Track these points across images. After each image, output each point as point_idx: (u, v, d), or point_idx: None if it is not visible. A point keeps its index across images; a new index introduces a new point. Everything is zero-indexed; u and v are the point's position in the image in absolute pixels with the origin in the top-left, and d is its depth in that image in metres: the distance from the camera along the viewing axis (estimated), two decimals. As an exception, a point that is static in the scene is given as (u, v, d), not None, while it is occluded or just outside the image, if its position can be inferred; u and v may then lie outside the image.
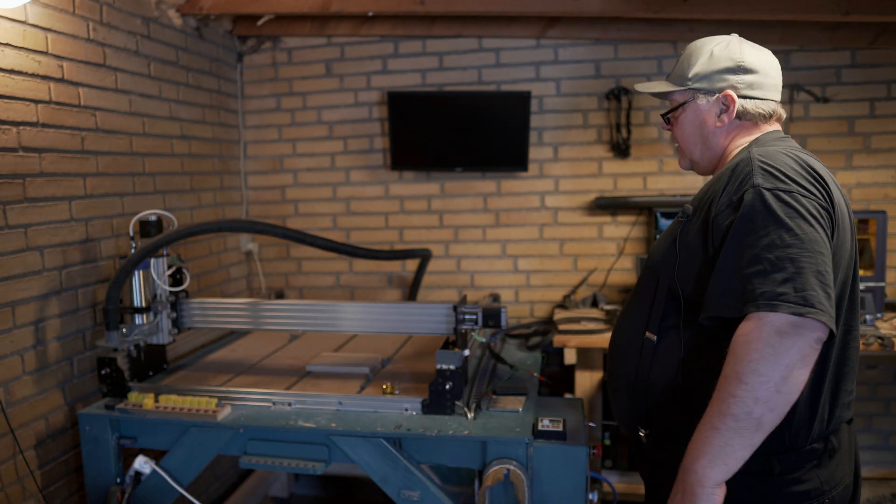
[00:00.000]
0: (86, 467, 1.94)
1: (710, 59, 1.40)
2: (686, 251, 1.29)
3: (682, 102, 1.45)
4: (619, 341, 1.47)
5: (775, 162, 1.22)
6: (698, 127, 1.44)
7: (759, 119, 1.41)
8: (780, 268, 1.12)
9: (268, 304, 2.15)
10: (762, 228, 1.16)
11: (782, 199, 1.17)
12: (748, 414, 1.10)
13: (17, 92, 1.96)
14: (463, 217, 3.32)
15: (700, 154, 1.46)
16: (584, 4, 2.69)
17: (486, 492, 1.63)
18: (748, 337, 1.11)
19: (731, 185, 1.24)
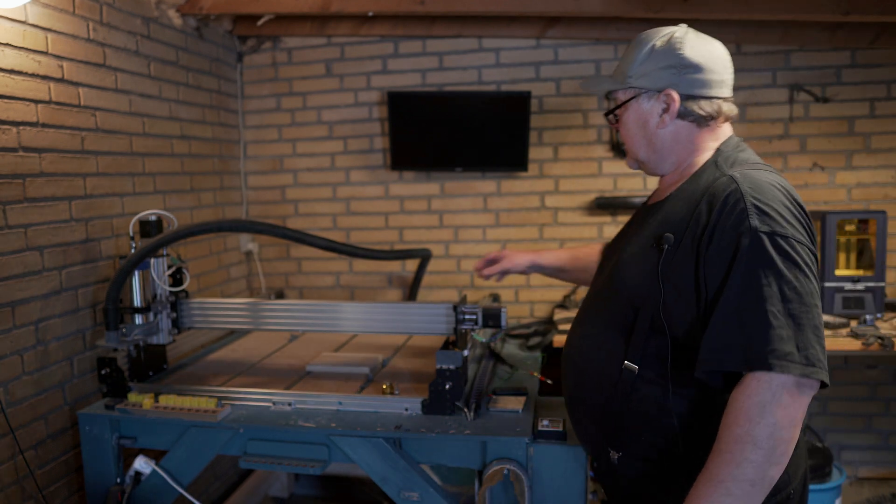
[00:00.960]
0: (86, 467, 1.94)
1: (652, 54, 1.32)
2: (673, 287, 1.23)
3: (624, 101, 1.39)
4: (586, 367, 1.40)
5: (767, 199, 1.18)
6: (641, 127, 1.37)
7: (704, 120, 1.33)
8: (783, 324, 1.11)
9: (268, 304, 2.15)
10: (763, 279, 1.13)
11: (781, 248, 1.14)
12: (763, 478, 1.09)
13: (17, 92, 1.96)
14: (463, 217, 3.32)
15: (646, 155, 1.40)
16: (584, 4, 2.69)
17: (486, 492, 1.63)
18: (761, 399, 1.09)
19: (722, 221, 1.18)
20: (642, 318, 1.27)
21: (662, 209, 1.34)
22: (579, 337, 1.46)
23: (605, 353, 1.35)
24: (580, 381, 1.42)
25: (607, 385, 1.33)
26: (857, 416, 3.14)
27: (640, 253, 1.31)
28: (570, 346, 1.49)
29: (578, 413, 1.46)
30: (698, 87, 1.32)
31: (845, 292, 2.77)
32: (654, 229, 1.31)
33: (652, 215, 1.37)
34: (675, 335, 1.24)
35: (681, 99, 1.32)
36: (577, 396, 1.44)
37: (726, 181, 1.23)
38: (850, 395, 3.12)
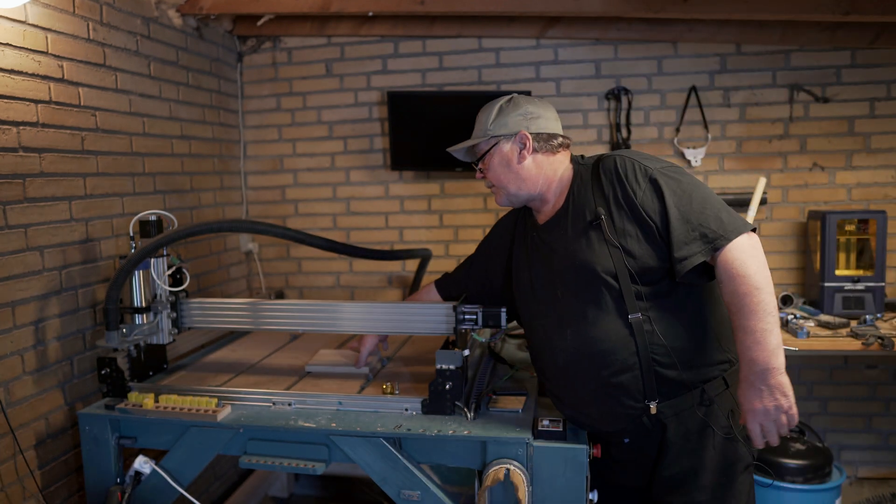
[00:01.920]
0: (86, 467, 1.94)
1: (501, 111, 1.73)
2: (628, 239, 1.56)
3: (487, 150, 1.74)
4: (601, 348, 1.59)
5: (640, 155, 1.63)
6: (506, 165, 1.72)
7: (554, 148, 1.71)
8: (712, 209, 1.52)
9: (268, 304, 2.15)
10: (682, 193, 1.53)
11: (674, 170, 1.59)
12: (775, 307, 1.46)
13: (17, 92, 1.96)
14: (463, 217, 3.32)
15: (516, 187, 1.72)
16: (584, 4, 2.69)
17: (486, 492, 1.63)
18: (742, 257, 1.47)
19: (630, 178, 1.57)
20: (622, 277, 1.55)
21: (570, 211, 1.67)
22: (575, 337, 1.63)
23: (612, 325, 1.57)
24: (601, 363, 1.59)
25: (625, 348, 1.57)
26: (857, 416, 3.14)
27: (583, 240, 1.62)
28: (568, 352, 1.64)
29: (610, 398, 1.61)
30: (542, 126, 1.71)
31: (845, 292, 2.77)
32: (577, 223, 1.64)
33: (560, 221, 1.68)
34: (646, 272, 1.55)
35: (532, 137, 1.70)
36: (602, 383, 1.60)
37: (609, 159, 1.64)
38: (850, 395, 3.12)
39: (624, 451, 1.69)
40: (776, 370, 1.42)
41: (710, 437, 1.59)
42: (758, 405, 1.43)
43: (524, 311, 1.82)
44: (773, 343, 1.42)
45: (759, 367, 1.42)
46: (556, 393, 1.75)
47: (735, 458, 1.61)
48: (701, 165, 3.08)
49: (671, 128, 3.11)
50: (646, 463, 1.67)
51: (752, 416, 1.44)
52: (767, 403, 1.42)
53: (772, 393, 1.42)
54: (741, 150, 3.08)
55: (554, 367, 1.69)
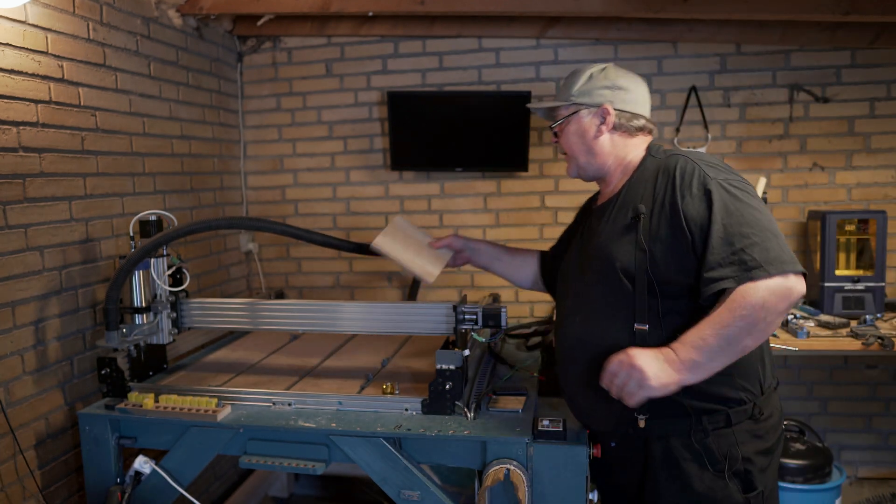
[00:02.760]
0: (86, 467, 1.94)
1: (590, 79, 1.63)
2: (660, 244, 1.45)
3: (566, 115, 1.65)
4: (599, 345, 1.53)
5: (708, 160, 1.50)
6: (581, 136, 1.64)
7: (634, 130, 1.63)
8: (762, 236, 1.36)
9: (268, 304, 2.15)
10: (735, 211, 1.39)
11: (737, 186, 1.43)
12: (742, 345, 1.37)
13: (17, 92, 1.96)
14: (463, 217, 3.32)
15: (586, 160, 1.65)
16: (584, 4, 2.69)
17: (486, 492, 1.63)
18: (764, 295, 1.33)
19: (685, 181, 1.45)
20: (639, 282, 1.47)
21: (620, 199, 1.59)
22: (581, 324, 1.59)
23: (615, 326, 1.51)
24: (595, 360, 1.52)
25: None
26: (857, 416, 3.13)
27: (618, 232, 1.53)
28: (571, 338, 1.62)
29: (596, 396, 1.54)
30: (628, 104, 1.62)
31: (845, 292, 2.77)
32: (620, 213, 1.56)
33: (610, 208, 1.60)
34: (667, 282, 1.45)
35: (615, 113, 1.61)
36: (593, 380, 1.53)
37: (673, 158, 1.53)
38: (850, 395, 3.12)
39: (611, 453, 1.65)
40: (679, 366, 1.37)
41: (698, 472, 1.49)
42: (636, 359, 1.39)
43: (557, 287, 1.81)
44: (702, 357, 1.36)
45: (674, 353, 1.38)
46: (560, 374, 1.72)
47: (725, 499, 1.49)
48: (701, 165, 3.08)
49: (671, 128, 3.11)
50: (633, 475, 1.60)
51: (623, 357, 1.41)
52: (641, 364, 1.38)
53: (659, 366, 1.38)
54: (741, 150, 3.08)
55: (560, 348, 1.68)
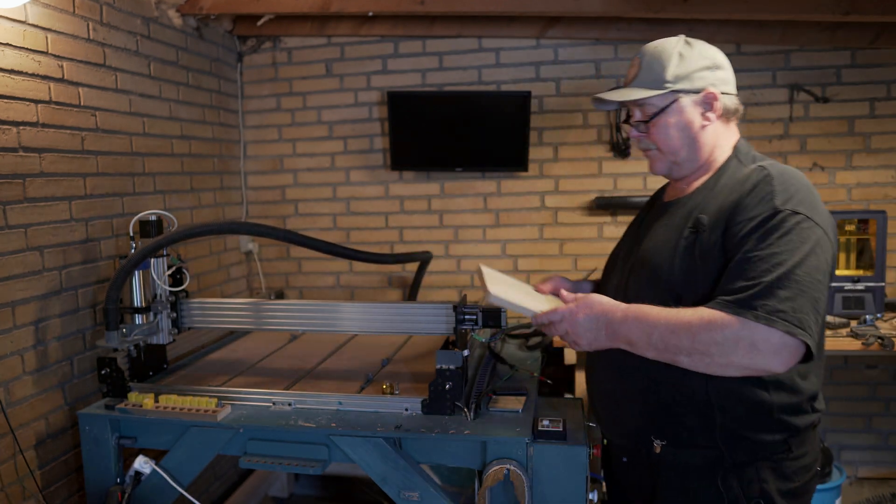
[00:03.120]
0: (86, 467, 1.94)
1: (683, 59, 1.39)
2: (706, 262, 1.30)
3: (663, 106, 1.40)
4: (628, 357, 1.38)
5: (793, 185, 1.28)
6: (683, 129, 1.41)
7: (733, 114, 1.45)
8: (792, 288, 1.17)
9: (268, 304, 2.15)
10: (779, 250, 1.20)
11: (798, 226, 1.22)
12: (668, 354, 1.27)
13: (17, 92, 1.96)
14: (463, 217, 3.32)
15: (686, 155, 1.43)
16: (584, 4, 2.69)
17: (486, 492, 1.63)
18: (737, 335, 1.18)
19: (750, 200, 1.27)
20: (686, 302, 1.31)
21: (689, 202, 1.41)
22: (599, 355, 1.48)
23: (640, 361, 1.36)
24: (622, 372, 1.43)
25: (655, 372, 1.36)
26: (857, 416, 3.14)
27: (674, 241, 1.37)
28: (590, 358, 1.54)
29: (617, 407, 1.49)
30: (727, 84, 1.42)
31: (845, 292, 2.77)
32: (682, 220, 1.38)
33: (675, 209, 1.44)
34: None
35: (720, 97, 1.40)
36: (618, 389, 1.46)
37: (757, 170, 1.33)
38: (850, 395, 3.12)
39: (621, 469, 1.57)
40: (613, 337, 1.33)
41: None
42: (577, 320, 1.35)
43: (602, 276, 1.67)
44: (636, 344, 1.30)
45: (615, 326, 1.32)
46: (587, 375, 1.63)
47: None
48: (701, 165, 3.08)
49: (671, 128, 3.11)
50: (641, 498, 1.50)
51: (570, 311, 1.37)
52: (579, 329, 1.35)
53: (595, 334, 1.35)
54: (741, 150, 3.08)
55: (588, 364, 1.61)
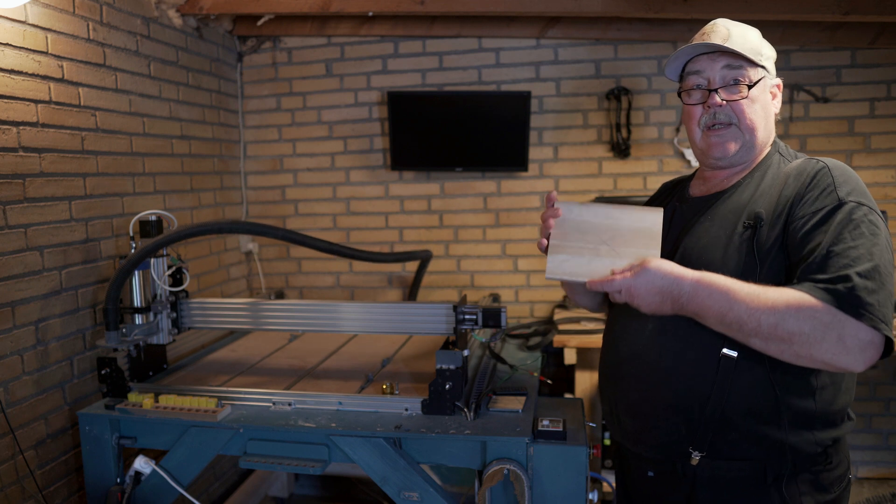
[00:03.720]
0: (86, 467, 1.94)
1: (761, 40, 1.39)
2: (766, 261, 1.24)
3: (757, 79, 1.35)
4: (669, 362, 1.33)
5: (850, 178, 1.26)
6: (765, 108, 1.37)
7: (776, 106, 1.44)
8: (868, 279, 1.13)
9: (268, 304, 2.15)
10: (852, 238, 1.17)
11: (866, 217, 1.20)
12: (753, 330, 1.17)
13: (17, 92, 1.96)
14: (463, 217, 3.32)
15: (760, 138, 1.36)
16: (584, 4, 2.69)
17: (486, 492, 1.63)
18: (828, 321, 1.12)
19: (811, 193, 1.24)
20: None
21: (734, 197, 1.35)
22: (651, 336, 1.36)
23: (696, 347, 1.30)
24: (660, 378, 1.34)
25: (700, 379, 1.29)
26: (858, 415, 3.13)
27: (724, 238, 1.30)
28: (633, 349, 1.40)
29: (650, 418, 1.37)
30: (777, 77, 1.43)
31: (845, 292, 2.76)
32: (731, 215, 1.32)
33: (719, 204, 1.36)
34: None
35: None
36: (653, 398, 1.35)
37: (813, 163, 1.30)
38: (850, 395, 3.12)
39: (645, 484, 1.45)
40: (677, 309, 1.23)
41: None
42: (636, 291, 1.24)
43: None
44: (707, 319, 1.21)
45: (684, 299, 1.22)
46: (602, 383, 1.52)
47: None
48: (701, 165, 3.08)
49: (671, 128, 3.11)
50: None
51: (627, 282, 1.24)
52: (639, 298, 1.24)
53: (657, 304, 1.24)
54: (741, 150, 3.08)
55: (615, 354, 1.46)
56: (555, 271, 1.31)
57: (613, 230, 1.31)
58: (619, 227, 1.31)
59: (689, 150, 3.07)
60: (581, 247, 1.31)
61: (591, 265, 1.30)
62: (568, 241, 1.32)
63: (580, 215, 1.35)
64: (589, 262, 1.30)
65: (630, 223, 1.32)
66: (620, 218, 1.33)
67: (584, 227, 1.33)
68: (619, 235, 1.31)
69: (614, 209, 1.34)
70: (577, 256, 1.31)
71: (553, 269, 1.31)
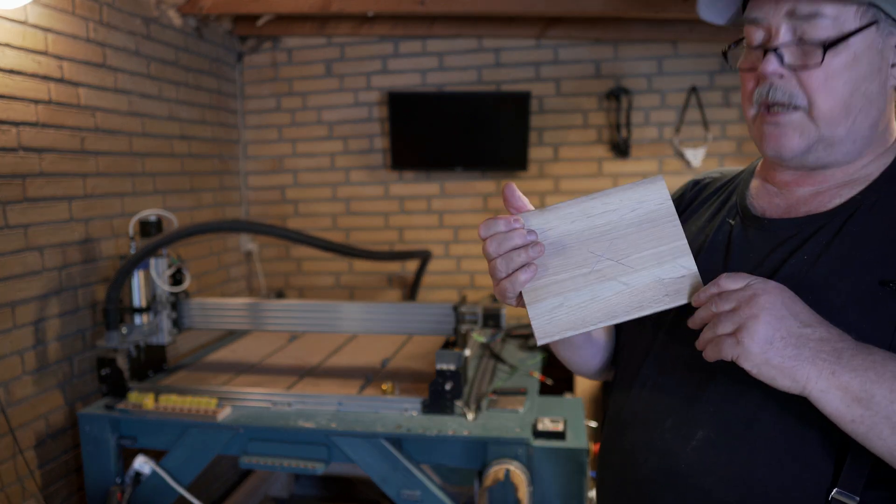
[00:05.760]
0: (86, 467, 1.94)
1: None
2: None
3: (853, 29, 0.75)
4: (727, 496, 0.77)
5: None
6: (864, 77, 0.77)
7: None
8: None
9: (268, 304, 2.15)
10: None
11: None
12: None
13: (17, 92, 1.96)
14: (463, 217, 3.32)
15: (851, 124, 0.79)
16: (584, 4, 2.69)
17: (486, 492, 1.63)
18: None
19: None
20: None
21: (855, 224, 0.78)
22: (710, 446, 0.79)
23: (785, 479, 0.74)
24: (686, 464, 0.80)
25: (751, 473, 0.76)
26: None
27: (855, 295, 0.74)
28: (674, 455, 0.81)
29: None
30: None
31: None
32: (857, 253, 0.75)
33: (819, 234, 0.79)
34: None
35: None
36: None
37: None
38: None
39: None
40: (821, 372, 0.67)
41: None
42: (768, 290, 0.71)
43: (626, 351, 0.96)
44: (853, 386, 0.66)
45: (836, 355, 0.67)
46: (608, 441, 0.95)
47: None
48: (701, 165, 3.08)
49: (671, 128, 3.11)
50: None
51: (751, 288, 0.72)
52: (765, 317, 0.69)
53: (792, 339, 0.68)
54: (742, 151, 3.08)
55: (632, 467, 0.86)
56: (548, 331, 0.81)
57: (607, 232, 0.84)
58: (615, 225, 0.84)
59: (689, 150, 3.08)
60: (572, 276, 0.82)
61: (600, 299, 0.81)
62: (549, 276, 0.82)
63: (549, 227, 0.84)
64: (593, 295, 0.81)
65: (626, 214, 0.84)
66: (609, 211, 0.85)
67: (564, 243, 0.83)
68: (618, 237, 0.83)
69: (592, 201, 0.85)
70: (573, 294, 0.82)
71: (544, 329, 0.81)
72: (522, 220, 0.82)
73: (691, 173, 3.09)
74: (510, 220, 0.81)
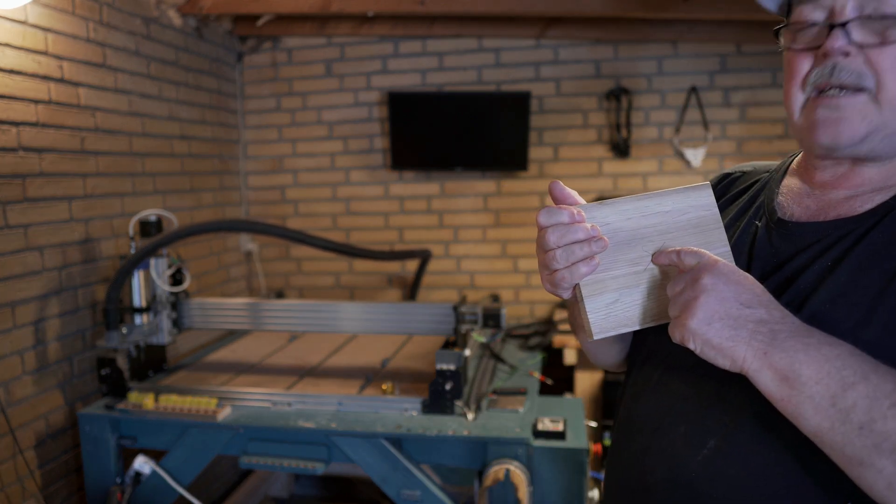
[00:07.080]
0: (86, 467, 1.94)
1: None
2: None
3: None
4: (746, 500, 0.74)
5: None
6: None
7: None
8: None
9: (268, 304, 2.15)
10: None
11: None
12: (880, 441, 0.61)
13: (17, 92, 1.96)
14: (463, 217, 3.32)
15: None
16: (584, 4, 2.69)
17: (486, 492, 1.63)
18: None
19: None
20: None
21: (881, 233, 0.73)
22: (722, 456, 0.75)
23: (792, 488, 0.72)
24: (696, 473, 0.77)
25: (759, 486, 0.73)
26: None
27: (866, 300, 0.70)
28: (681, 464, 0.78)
29: None
30: None
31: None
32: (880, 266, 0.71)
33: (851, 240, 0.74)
34: None
35: None
36: None
37: None
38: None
39: None
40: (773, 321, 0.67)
41: None
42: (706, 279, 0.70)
43: (642, 352, 0.92)
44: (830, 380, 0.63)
45: (777, 333, 0.67)
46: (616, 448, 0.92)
47: None
48: (701, 166, 3.08)
49: (671, 128, 3.11)
50: None
51: (701, 268, 0.72)
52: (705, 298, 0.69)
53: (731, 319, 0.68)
54: (741, 151, 3.08)
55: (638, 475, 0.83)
56: (604, 326, 0.80)
57: (661, 233, 0.83)
58: (667, 227, 0.83)
59: (689, 150, 3.08)
60: (627, 273, 0.82)
61: (653, 297, 0.81)
62: (607, 271, 0.82)
63: (606, 222, 0.85)
64: (646, 293, 0.81)
65: (678, 217, 0.84)
66: (661, 211, 0.84)
67: (620, 238, 0.83)
68: (670, 239, 0.83)
69: (647, 200, 0.84)
70: (628, 290, 0.81)
71: (601, 324, 0.80)
72: (585, 211, 0.84)
73: (691, 173, 3.09)
74: (573, 211, 0.81)
